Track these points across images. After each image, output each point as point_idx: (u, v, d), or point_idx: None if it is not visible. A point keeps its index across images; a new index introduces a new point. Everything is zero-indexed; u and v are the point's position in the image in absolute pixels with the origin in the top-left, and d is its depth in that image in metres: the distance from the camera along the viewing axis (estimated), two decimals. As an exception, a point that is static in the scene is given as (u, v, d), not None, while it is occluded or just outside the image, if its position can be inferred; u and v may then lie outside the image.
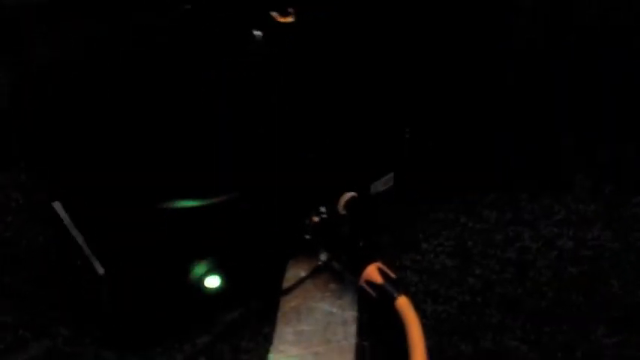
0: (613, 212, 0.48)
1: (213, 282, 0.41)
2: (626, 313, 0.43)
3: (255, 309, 0.43)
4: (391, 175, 0.47)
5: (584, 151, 0.52)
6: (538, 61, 0.58)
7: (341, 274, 0.45)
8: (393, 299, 0.40)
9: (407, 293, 0.40)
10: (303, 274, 0.45)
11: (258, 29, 0.40)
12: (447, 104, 0.50)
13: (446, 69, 0.48)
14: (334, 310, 0.43)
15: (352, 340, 0.41)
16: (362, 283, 0.42)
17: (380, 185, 0.47)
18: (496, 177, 0.51)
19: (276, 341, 0.41)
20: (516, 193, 0.50)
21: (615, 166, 0.51)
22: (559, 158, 0.52)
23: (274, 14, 0.40)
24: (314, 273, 0.45)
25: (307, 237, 0.44)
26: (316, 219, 0.44)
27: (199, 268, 0.41)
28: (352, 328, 0.42)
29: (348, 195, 0.45)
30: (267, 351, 0.41)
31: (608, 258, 0.46)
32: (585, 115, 0.54)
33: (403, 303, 0.40)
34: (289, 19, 0.39)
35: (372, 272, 0.41)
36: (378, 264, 0.42)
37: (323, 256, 0.45)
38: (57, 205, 0.42)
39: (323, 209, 0.44)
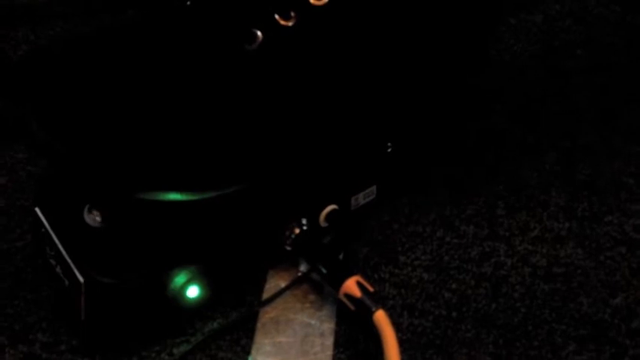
0: (586, 230, 0.50)
1: (192, 292, 0.42)
2: (594, 330, 0.44)
3: (234, 319, 0.43)
4: (373, 188, 0.48)
5: (560, 169, 0.53)
6: (522, 76, 0.59)
7: (320, 285, 0.45)
8: (370, 313, 0.41)
9: (384, 307, 0.41)
10: (282, 284, 0.45)
11: (259, 29, 0.40)
12: (429, 118, 0.51)
13: (428, 84, 0.49)
14: (313, 321, 0.44)
15: (329, 352, 0.42)
16: (341, 295, 0.42)
17: (361, 198, 0.48)
18: (474, 192, 0.52)
19: (254, 352, 0.42)
20: (493, 209, 0.51)
21: (589, 184, 0.53)
22: (536, 175, 0.53)
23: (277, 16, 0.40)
24: (293, 284, 0.45)
25: (288, 248, 0.45)
26: (297, 230, 0.45)
27: (180, 278, 0.41)
28: (330, 340, 0.43)
29: (330, 207, 0.46)
30: (244, 361, 0.41)
31: (580, 275, 0.47)
32: (562, 133, 0.56)
33: (380, 317, 0.41)
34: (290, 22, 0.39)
35: (351, 285, 0.42)
36: (357, 277, 0.42)
37: (303, 268, 0.46)
38: (38, 210, 0.41)
39: (304, 221, 0.45)
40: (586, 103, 0.58)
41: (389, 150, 0.48)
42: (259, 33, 0.40)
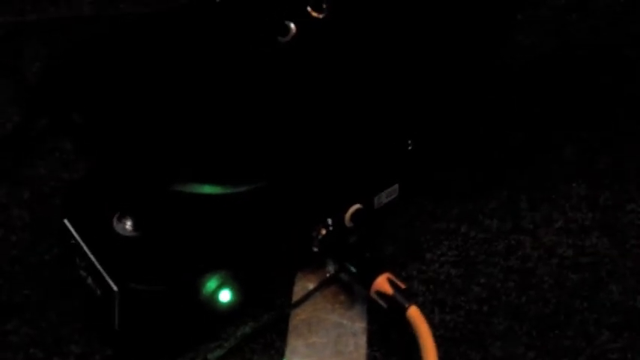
0: (609, 220, 0.50)
1: (225, 296, 0.42)
2: (627, 318, 0.44)
3: (266, 322, 0.43)
4: (395, 186, 0.48)
5: (580, 160, 0.54)
6: (538, 69, 0.60)
7: (349, 285, 0.45)
8: (404, 309, 0.41)
9: (417, 303, 0.41)
10: (311, 286, 0.45)
11: (292, 21, 0.40)
12: (449, 116, 0.51)
13: (447, 81, 0.49)
14: (344, 321, 0.44)
15: (363, 351, 0.42)
16: (372, 294, 0.42)
17: (384, 197, 0.48)
18: (495, 186, 0.52)
19: (288, 354, 0.42)
20: (516, 202, 0.51)
21: (610, 174, 0.53)
22: (557, 167, 0.53)
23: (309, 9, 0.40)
24: (322, 285, 0.45)
25: (315, 249, 0.45)
26: (324, 231, 0.45)
27: (212, 282, 0.41)
28: (363, 339, 0.43)
29: (354, 207, 0.46)
30: (279, 364, 0.41)
31: (607, 264, 0.47)
32: (582, 124, 0.56)
33: (414, 313, 0.41)
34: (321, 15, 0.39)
35: (382, 283, 0.42)
36: (388, 274, 0.42)
37: (331, 268, 0.46)
38: (68, 222, 0.42)
39: (330, 221, 0.45)
40: (602, 94, 0.59)
41: (410, 148, 0.48)
42: (292, 25, 0.40)
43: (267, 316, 0.44)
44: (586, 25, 0.65)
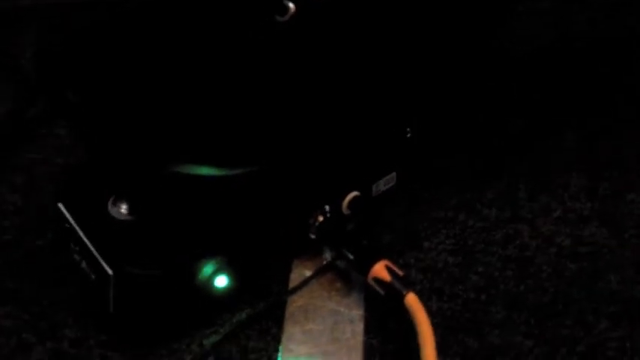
0: (608, 209, 0.50)
1: (221, 281, 0.41)
2: (625, 307, 0.44)
3: (262, 309, 0.43)
4: (393, 174, 0.48)
5: (579, 150, 0.53)
6: (538, 59, 0.59)
7: (346, 273, 0.45)
8: (402, 296, 0.40)
9: (414, 290, 0.41)
10: (308, 273, 0.45)
11: (290, 0, 0.39)
12: (448, 104, 0.51)
13: (446, 69, 0.49)
14: (341, 308, 0.43)
15: (360, 338, 0.42)
16: (370, 280, 0.42)
17: (382, 184, 0.48)
18: (493, 176, 0.51)
19: (285, 341, 0.41)
20: (514, 192, 0.51)
21: (609, 164, 0.52)
22: (556, 157, 0.53)
23: None
24: (319, 272, 0.45)
25: (312, 236, 0.45)
26: (321, 218, 0.44)
27: (208, 268, 0.40)
28: (360, 326, 0.42)
29: (352, 194, 0.45)
30: (276, 350, 0.41)
31: (606, 254, 0.47)
32: (581, 114, 0.56)
33: (412, 299, 0.40)
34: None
35: (380, 270, 0.42)
36: (386, 261, 0.42)
37: (328, 255, 0.45)
38: (62, 206, 0.41)
39: (327, 208, 0.45)
40: (600, 83, 0.58)
41: (408, 136, 0.48)
42: (291, 4, 0.39)
43: (264, 302, 0.43)
44: (584, 16, 0.64)
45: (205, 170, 0.38)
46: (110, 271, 0.39)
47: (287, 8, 0.39)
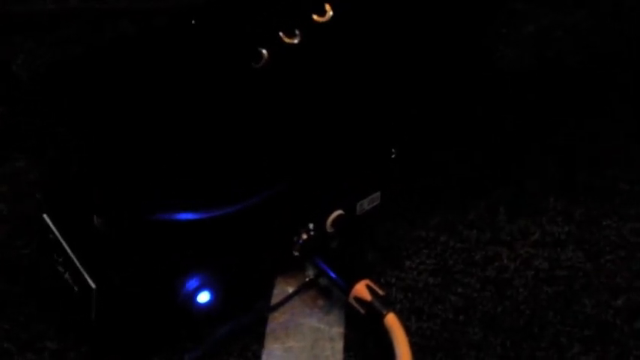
0: (585, 234, 0.51)
1: (203, 297, 0.42)
2: (599, 331, 0.45)
3: (244, 325, 0.43)
4: (377, 194, 0.49)
5: (557, 175, 0.54)
6: (520, 85, 0.60)
7: (328, 290, 0.45)
8: (381, 316, 0.41)
9: (394, 310, 0.42)
10: (290, 290, 0.45)
11: (264, 47, 0.40)
12: (431, 125, 0.51)
13: (431, 90, 0.50)
14: (322, 326, 0.44)
15: (340, 357, 0.42)
16: (351, 299, 0.43)
17: (366, 204, 0.48)
18: (475, 198, 0.52)
19: (265, 357, 0.42)
20: (494, 214, 0.52)
21: (586, 190, 0.54)
22: (535, 181, 0.54)
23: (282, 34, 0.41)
24: (302, 289, 0.45)
25: (295, 253, 0.45)
26: (305, 236, 0.45)
27: (191, 283, 0.41)
28: (340, 345, 0.43)
29: (336, 213, 0.46)
30: (256, 366, 0.41)
31: (581, 278, 0.48)
32: (559, 140, 0.57)
33: (392, 320, 0.41)
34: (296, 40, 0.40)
35: (361, 289, 0.42)
36: (367, 281, 0.43)
37: (310, 273, 0.46)
38: (47, 217, 0.41)
39: (311, 226, 0.45)
40: (580, 110, 0.60)
41: (393, 156, 0.49)
42: (265, 51, 0.41)
43: (245, 318, 0.44)
44: (569, 41, 0.66)
45: (184, 216, 0.38)
46: (93, 285, 0.39)
47: (261, 55, 0.40)
